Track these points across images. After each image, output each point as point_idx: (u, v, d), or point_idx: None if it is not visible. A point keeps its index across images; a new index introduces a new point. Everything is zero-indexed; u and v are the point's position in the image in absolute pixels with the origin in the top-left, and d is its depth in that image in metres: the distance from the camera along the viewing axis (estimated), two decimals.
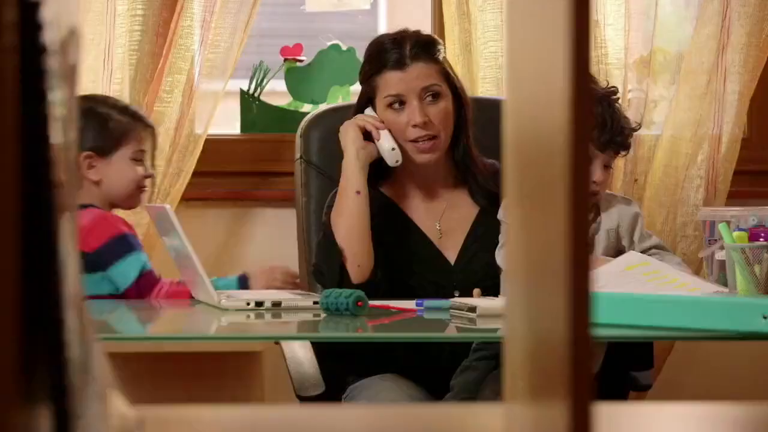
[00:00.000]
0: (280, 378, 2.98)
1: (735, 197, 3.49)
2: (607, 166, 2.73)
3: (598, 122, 2.69)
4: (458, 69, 3.01)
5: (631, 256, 2.49)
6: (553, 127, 0.83)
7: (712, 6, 3.45)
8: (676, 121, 3.47)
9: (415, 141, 2.82)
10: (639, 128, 2.85)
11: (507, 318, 1.03)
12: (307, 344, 2.85)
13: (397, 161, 2.82)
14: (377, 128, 2.82)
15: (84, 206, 2.80)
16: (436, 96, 2.83)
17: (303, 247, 3.08)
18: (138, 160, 2.86)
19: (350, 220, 2.77)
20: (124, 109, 2.90)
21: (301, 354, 2.81)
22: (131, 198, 2.87)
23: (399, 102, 2.83)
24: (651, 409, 1.46)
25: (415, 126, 2.81)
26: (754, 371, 3.65)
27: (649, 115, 3.53)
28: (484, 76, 3.43)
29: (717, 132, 3.47)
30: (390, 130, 2.82)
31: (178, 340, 2.22)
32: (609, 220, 2.76)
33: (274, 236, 3.40)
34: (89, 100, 2.89)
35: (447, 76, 2.87)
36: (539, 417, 0.87)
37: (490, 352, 2.56)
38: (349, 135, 2.82)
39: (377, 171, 2.85)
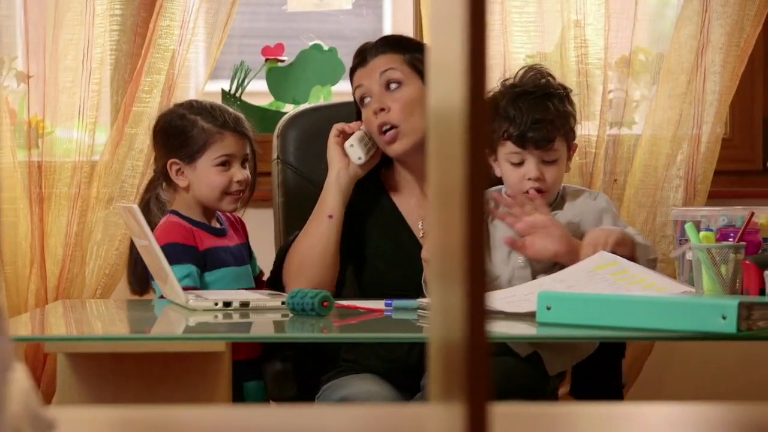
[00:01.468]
0: None
1: (716, 197, 3.49)
2: (546, 162, 2.68)
3: (509, 118, 2.66)
4: None
5: (600, 257, 2.49)
6: (453, 130, 0.84)
7: (692, 6, 3.45)
8: (656, 121, 3.47)
9: (381, 133, 2.81)
10: (544, 120, 2.68)
11: (429, 320, 1.03)
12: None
13: (359, 158, 2.80)
14: (350, 128, 2.82)
15: (170, 212, 2.88)
16: (398, 83, 2.81)
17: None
18: (223, 165, 2.87)
19: (315, 246, 2.77)
20: (214, 115, 2.91)
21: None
22: (221, 203, 2.88)
23: (366, 96, 2.82)
24: (630, 409, 1.47)
25: (375, 114, 2.80)
26: (734, 371, 3.65)
27: (629, 115, 3.53)
28: None
29: (697, 132, 3.47)
30: (364, 128, 2.82)
31: (140, 340, 2.22)
32: (571, 213, 2.72)
33: (252, 237, 3.41)
34: (184, 107, 2.96)
35: (414, 66, 2.82)
36: (447, 417, 0.88)
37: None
38: (331, 153, 2.83)
39: (383, 156, 2.84)
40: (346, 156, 2.81)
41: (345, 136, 2.83)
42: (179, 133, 2.89)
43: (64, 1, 3.32)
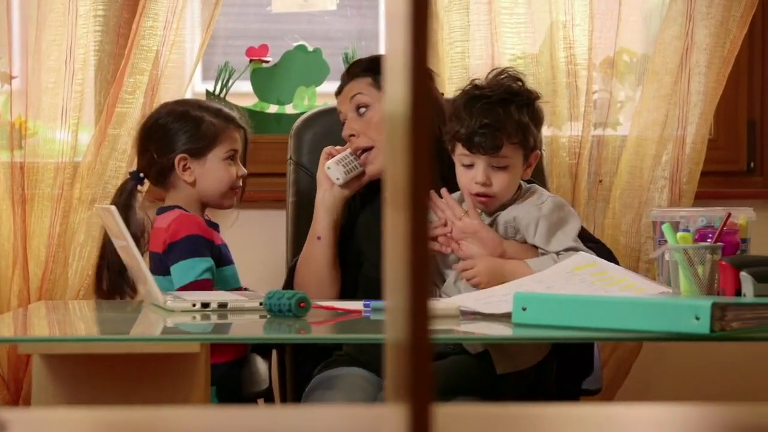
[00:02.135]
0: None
1: (702, 198, 3.48)
2: (495, 167, 2.64)
3: (461, 119, 2.63)
4: None
5: (579, 257, 2.50)
6: (399, 133, 0.84)
7: (677, 7, 3.45)
8: (642, 122, 3.47)
9: (357, 157, 2.87)
10: (491, 126, 2.63)
11: (386, 322, 1.04)
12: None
13: (337, 179, 2.86)
14: (336, 151, 2.88)
15: (169, 208, 2.89)
16: (366, 107, 2.86)
17: (290, 247, 3.09)
18: (231, 160, 2.93)
19: (309, 267, 2.83)
20: (217, 111, 2.97)
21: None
22: (224, 198, 2.94)
23: (344, 121, 2.89)
24: (617, 410, 1.47)
25: (347, 140, 2.88)
26: (724, 372, 3.65)
27: (614, 116, 3.53)
28: (451, 77, 3.42)
29: (682, 133, 3.47)
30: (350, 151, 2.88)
31: (112, 341, 2.22)
32: (513, 213, 2.66)
33: (265, 237, 3.43)
34: (183, 104, 3.00)
35: (381, 87, 2.85)
36: (395, 418, 0.88)
37: (451, 349, 2.55)
38: (318, 175, 2.89)
39: None
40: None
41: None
42: (187, 128, 2.92)
43: (47, 2, 3.32)
